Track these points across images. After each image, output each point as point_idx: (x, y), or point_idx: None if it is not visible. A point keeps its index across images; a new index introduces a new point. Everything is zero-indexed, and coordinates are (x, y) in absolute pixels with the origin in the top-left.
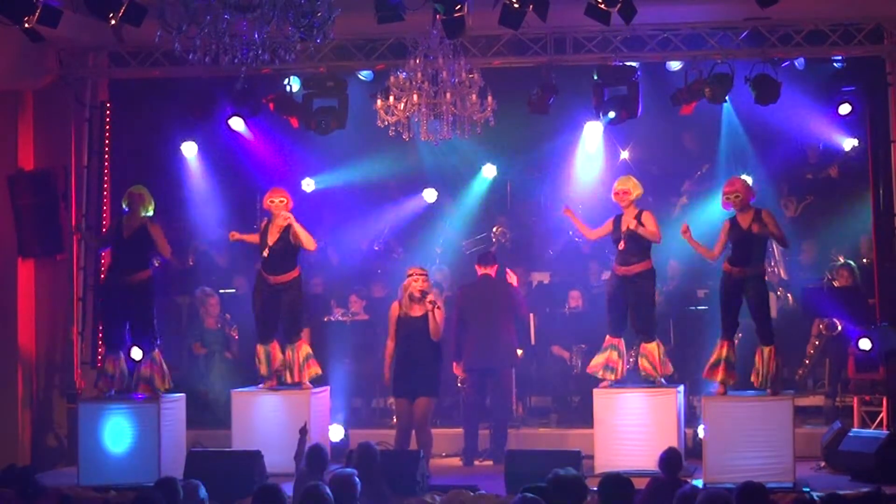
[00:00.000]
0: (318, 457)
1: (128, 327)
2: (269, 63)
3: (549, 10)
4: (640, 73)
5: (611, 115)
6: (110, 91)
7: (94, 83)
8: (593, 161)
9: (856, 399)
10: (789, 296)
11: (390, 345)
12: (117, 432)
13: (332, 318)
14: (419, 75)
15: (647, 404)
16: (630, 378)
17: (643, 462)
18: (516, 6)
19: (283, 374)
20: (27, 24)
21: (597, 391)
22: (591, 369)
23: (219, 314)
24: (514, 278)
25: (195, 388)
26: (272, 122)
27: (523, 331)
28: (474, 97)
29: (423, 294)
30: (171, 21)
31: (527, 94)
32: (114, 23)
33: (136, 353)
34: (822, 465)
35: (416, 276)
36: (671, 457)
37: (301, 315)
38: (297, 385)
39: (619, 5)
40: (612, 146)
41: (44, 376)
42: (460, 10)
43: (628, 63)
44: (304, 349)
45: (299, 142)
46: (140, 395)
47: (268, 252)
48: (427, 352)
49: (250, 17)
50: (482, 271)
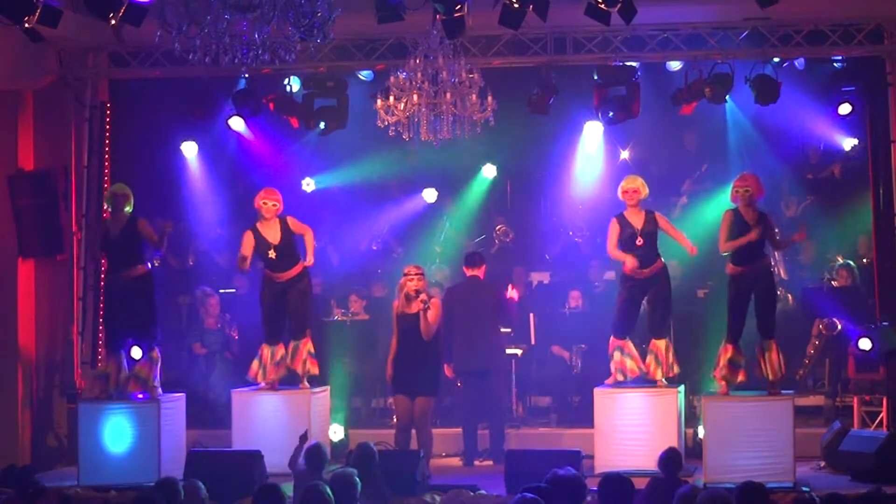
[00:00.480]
0: (318, 456)
1: (129, 326)
2: (269, 63)
3: (549, 10)
4: (640, 73)
5: (610, 115)
6: (110, 91)
7: (94, 83)
8: (593, 161)
9: (856, 399)
10: (789, 296)
11: (394, 342)
12: (117, 432)
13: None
14: (419, 75)
15: (647, 404)
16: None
17: (643, 462)
18: (516, 6)
19: (282, 369)
20: (27, 24)
21: (597, 391)
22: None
23: (219, 314)
24: (514, 293)
25: (195, 388)
26: (272, 122)
27: (519, 332)
28: (474, 97)
29: (417, 293)
30: (171, 21)
31: (527, 94)
32: (114, 23)
33: (137, 352)
34: (822, 465)
35: (412, 275)
36: (671, 457)
37: (309, 310)
38: (294, 373)
39: (619, 5)
40: (612, 146)
41: (44, 376)
42: (460, 10)
43: (628, 63)
44: (307, 346)
45: (299, 142)
46: (135, 394)
47: (274, 253)
48: (425, 350)
49: (250, 17)
50: (470, 273)
